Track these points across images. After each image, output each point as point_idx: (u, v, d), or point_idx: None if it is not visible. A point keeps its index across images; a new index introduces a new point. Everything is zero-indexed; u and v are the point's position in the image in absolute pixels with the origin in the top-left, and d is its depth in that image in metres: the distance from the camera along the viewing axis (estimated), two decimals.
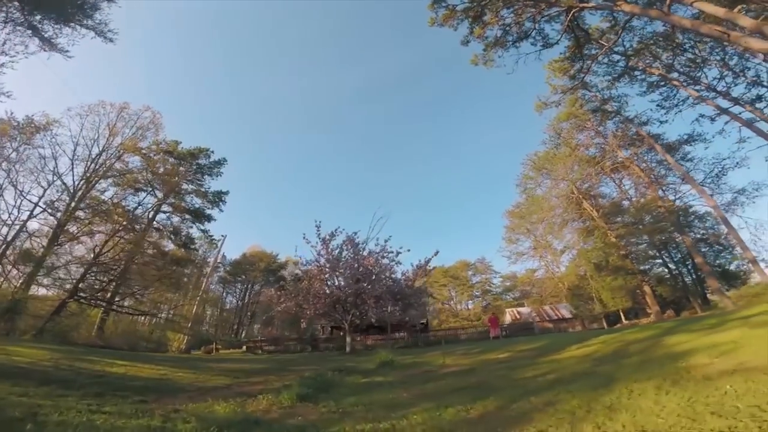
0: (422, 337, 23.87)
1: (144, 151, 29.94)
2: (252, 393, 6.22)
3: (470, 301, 67.19)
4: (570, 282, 41.27)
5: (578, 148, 33.04)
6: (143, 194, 31.74)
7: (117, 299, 25.00)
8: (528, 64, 22.87)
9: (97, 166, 26.67)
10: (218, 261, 30.47)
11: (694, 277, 32.15)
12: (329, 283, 17.84)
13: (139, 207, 31.24)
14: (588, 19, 21.82)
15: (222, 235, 32.19)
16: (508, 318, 47.36)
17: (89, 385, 5.61)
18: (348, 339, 17.68)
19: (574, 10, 17.86)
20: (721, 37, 13.12)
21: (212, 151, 34.63)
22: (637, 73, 26.05)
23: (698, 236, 30.89)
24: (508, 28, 20.73)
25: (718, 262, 30.18)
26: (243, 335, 61.96)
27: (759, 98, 22.80)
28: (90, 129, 26.94)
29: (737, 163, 26.34)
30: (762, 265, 24.28)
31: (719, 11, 12.68)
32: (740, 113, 23.80)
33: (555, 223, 39.33)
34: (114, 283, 24.47)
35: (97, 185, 27.14)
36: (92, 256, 23.11)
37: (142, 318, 38.53)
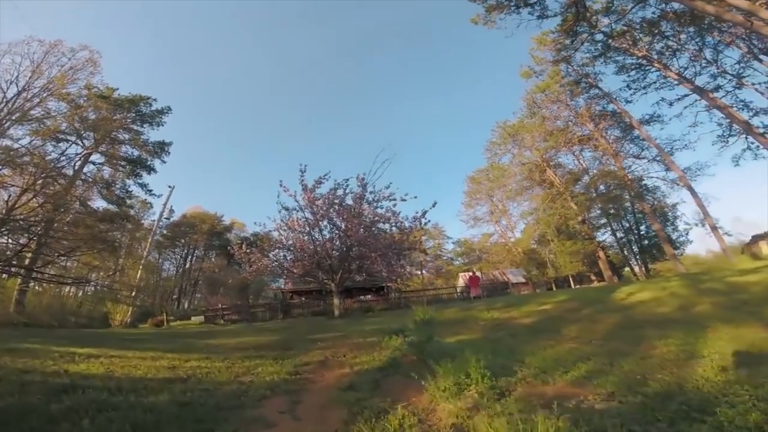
0: (403, 300, 22.83)
1: (73, 96, 25.28)
2: None
3: (424, 268, 68.15)
4: (524, 247, 42.94)
5: (549, 119, 33.31)
6: (68, 145, 26.71)
7: (38, 265, 20.33)
8: (529, 30, 22.74)
9: (11, 109, 21.23)
10: (165, 216, 26.28)
11: (638, 245, 34.72)
12: (315, 237, 15.64)
13: (63, 157, 26.02)
14: None
15: (169, 186, 27.75)
16: (461, 281, 48.69)
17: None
18: (337, 302, 15.87)
19: None
20: (744, 24, 14.62)
21: (155, 99, 29.99)
22: (613, 53, 26.65)
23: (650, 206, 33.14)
24: None
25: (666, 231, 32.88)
26: (186, 305, 57.13)
27: (718, 88, 24.56)
28: (9, 68, 21.98)
29: (686, 144, 28.12)
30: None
31: (743, 3, 13.42)
32: (697, 101, 25.51)
33: (514, 189, 40.18)
34: (33, 246, 19.74)
35: (10, 131, 21.76)
36: (3, 212, 18.18)
37: (69, 289, 33.01)
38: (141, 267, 23.20)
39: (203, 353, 6.31)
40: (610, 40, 25.76)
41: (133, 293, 22.56)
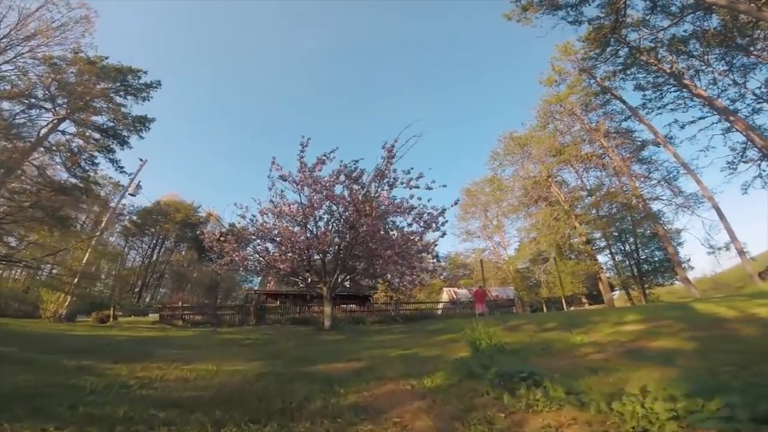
0: (399, 313, 19.34)
1: (57, 59, 22.76)
2: None
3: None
4: (517, 265, 40.45)
5: (562, 132, 31.28)
6: (39, 111, 23.36)
7: None
8: (564, 31, 22.19)
9: None
10: (130, 191, 22.09)
11: (637, 269, 32.69)
12: (309, 227, 12.19)
13: (29, 122, 22.59)
14: None
15: (140, 159, 23.63)
16: (445, 297, 45.63)
17: None
18: (328, 310, 12.36)
19: None
20: (759, 16, 14.92)
21: (145, 72, 26.50)
22: (635, 70, 25.29)
23: (648, 232, 31.17)
24: None
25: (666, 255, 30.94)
26: (147, 300, 51.63)
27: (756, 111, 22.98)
28: None
29: (693, 169, 26.48)
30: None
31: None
32: (714, 123, 24.04)
33: (514, 204, 37.86)
34: None
35: None
36: None
37: (15, 272, 28.05)
38: (90, 249, 18.85)
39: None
40: (636, 56, 24.21)
41: (76, 280, 18.18)
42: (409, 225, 11.38)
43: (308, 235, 12.28)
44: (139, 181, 21.90)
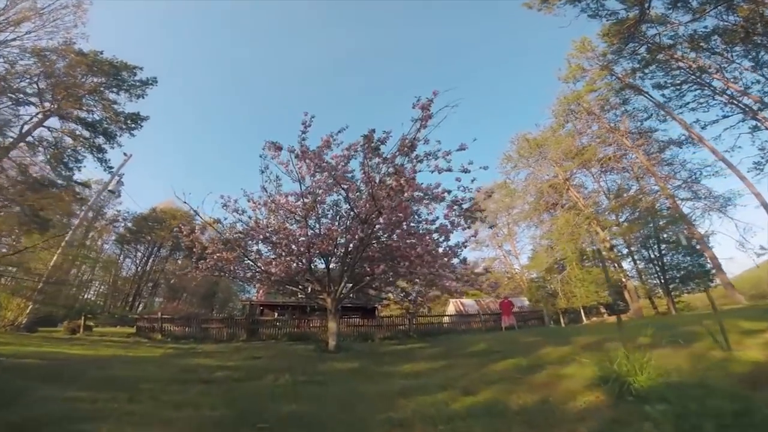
0: (413, 328, 16.54)
1: (47, 50, 21.11)
2: None
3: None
4: (530, 274, 37.74)
5: (582, 133, 29.04)
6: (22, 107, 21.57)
7: None
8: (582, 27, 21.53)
9: None
10: (110, 187, 19.59)
11: (662, 276, 29.96)
12: (310, 223, 9.61)
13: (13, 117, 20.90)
14: None
15: (125, 154, 21.33)
16: (451, 309, 42.77)
17: None
18: (333, 327, 9.66)
19: None
20: None
21: (141, 68, 24.65)
22: (655, 67, 23.48)
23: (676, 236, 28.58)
24: None
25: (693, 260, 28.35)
26: (140, 308, 48.81)
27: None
28: None
29: (717, 171, 24.87)
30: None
31: None
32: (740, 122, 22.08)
33: (527, 210, 35.37)
34: None
35: None
36: None
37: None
38: (62, 246, 16.18)
39: None
40: (656, 53, 22.35)
41: (41, 283, 15.49)
42: (437, 219, 8.73)
43: (309, 232, 9.69)
44: (121, 176, 19.37)
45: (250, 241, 10.29)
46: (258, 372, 6.09)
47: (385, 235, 8.49)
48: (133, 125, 26.10)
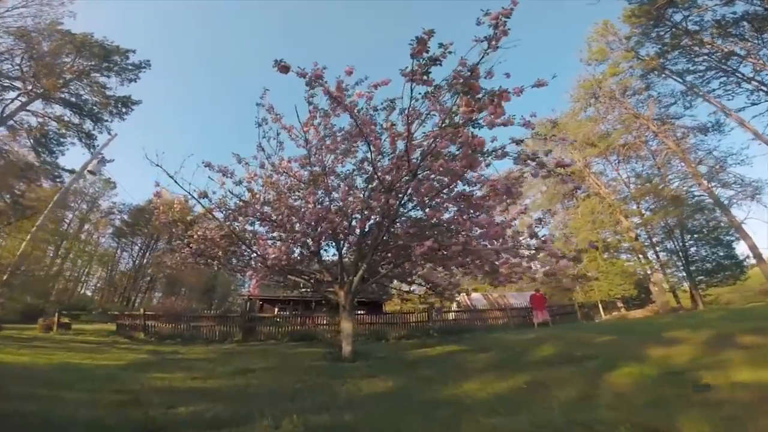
0: (437, 326, 14.31)
1: (32, 29, 19.74)
2: None
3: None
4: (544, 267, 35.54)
5: (604, 118, 27.02)
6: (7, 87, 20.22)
7: None
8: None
9: None
10: (91, 168, 17.45)
11: (686, 269, 27.80)
12: (318, 195, 7.47)
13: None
14: None
15: (109, 133, 19.48)
16: (458, 304, 40.56)
17: None
18: (348, 328, 7.46)
19: None
20: None
21: (133, 51, 23.32)
22: (678, 53, 21.87)
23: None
24: None
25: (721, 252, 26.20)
26: (137, 304, 46.82)
27: None
28: None
29: (742, 160, 23.45)
30: None
31: None
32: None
33: (544, 199, 33.29)
34: None
35: None
36: None
37: None
38: (33, 230, 13.98)
39: None
40: (680, 38, 20.70)
41: (6, 275, 13.30)
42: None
43: (315, 205, 7.49)
44: (103, 156, 17.13)
45: (241, 218, 8.04)
46: (246, 404, 3.86)
47: (435, 201, 6.22)
48: (124, 109, 24.67)
